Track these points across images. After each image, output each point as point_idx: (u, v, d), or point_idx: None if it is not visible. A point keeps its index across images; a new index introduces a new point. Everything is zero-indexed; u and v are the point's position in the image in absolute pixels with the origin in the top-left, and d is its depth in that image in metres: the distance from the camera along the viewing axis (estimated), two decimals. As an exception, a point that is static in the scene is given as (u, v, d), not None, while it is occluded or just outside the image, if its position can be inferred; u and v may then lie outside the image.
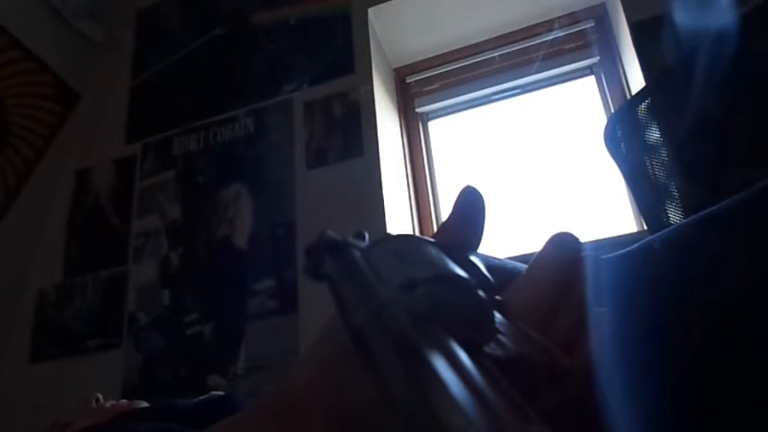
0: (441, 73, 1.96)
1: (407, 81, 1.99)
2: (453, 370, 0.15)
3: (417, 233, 1.69)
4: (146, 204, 1.86)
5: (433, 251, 0.23)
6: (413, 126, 1.95)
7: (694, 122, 0.82)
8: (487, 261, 0.25)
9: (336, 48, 1.82)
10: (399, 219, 1.66)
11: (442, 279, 0.20)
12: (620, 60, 1.72)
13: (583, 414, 0.22)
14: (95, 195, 1.96)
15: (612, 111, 1.68)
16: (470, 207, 0.27)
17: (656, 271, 0.40)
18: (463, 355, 0.16)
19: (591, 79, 1.80)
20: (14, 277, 1.84)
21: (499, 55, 1.90)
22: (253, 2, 2.00)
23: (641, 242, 0.44)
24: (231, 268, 1.66)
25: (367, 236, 0.27)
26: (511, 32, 1.90)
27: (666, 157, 0.93)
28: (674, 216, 0.90)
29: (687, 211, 0.88)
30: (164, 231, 1.79)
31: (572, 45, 1.82)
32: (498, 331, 0.20)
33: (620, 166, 1.01)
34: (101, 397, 0.85)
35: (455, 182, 1.81)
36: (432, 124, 1.97)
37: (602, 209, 1.63)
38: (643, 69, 1.48)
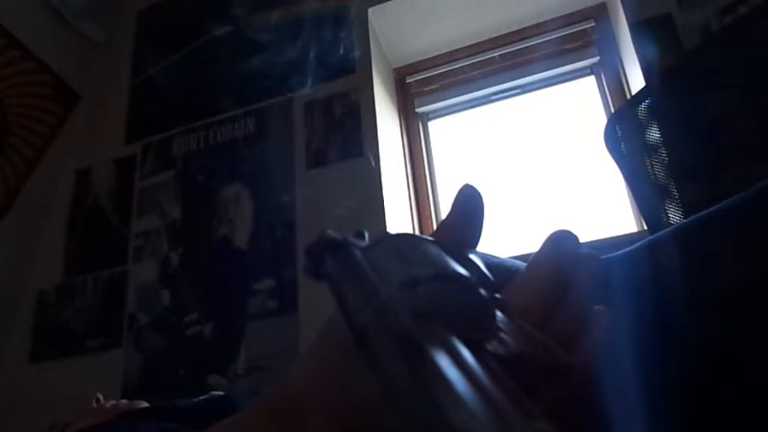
0: (441, 73, 1.96)
1: (407, 81, 1.99)
2: (457, 367, 0.15)
3: (417, 233, 1.69)
4: (146, 204, 1.86)
5: (433, 250, 0.23)
6: (413, 126, 1.95)
7: (694, 122, 0.82)
8: (487, 259, 0.25)
9: (336, 48, 1.82)
10: (399, 219, 1.66)
11: (443, 277, 0.20)
12: (620, 60, 1.72)
13: (585, 411, 0.22)
14: (95, 195, 1.96)
15: (612, 111, 1.68)
16: (469, 205, 0.27)
17: (656, 271, 0.41)
18: (466, 353, 0.16)
19: (591, 79, 1.81)
20: (14, 277, 1.84)
21: (499, 55, 1.90)
22: (253, 2, 2.00)
23: (641, 242, 0.44)
24: (231, 268, 1.66)
25: (367, 235, 0.27)
26: (511, 32, 1.90)
27: (666, 157, 0.93)
28: (674, 216, 0.90)
29: (687, 211, 0.88)
30: (164, 231, 1.79)
31: (572, 45, 1.82)
32: (500, 329, 0.20)
33: (620, 166, 1.01)
34: (101, 397, 0.85)
35: (455, 182, 1.81)
36: (432, 124, 1.97)
37: (602, 209, 1.63)
38: (643, 69, 1.48)
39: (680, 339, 0.36)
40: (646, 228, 1.20)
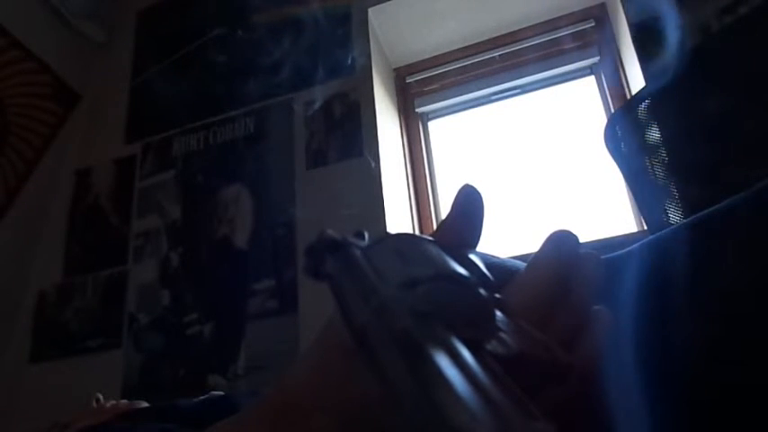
0: (441, 73, 1.96)
1: (407, 81, 1.99)
2: (457, 368, 0.15)
3: (417, 233, 1.68)
4: (146, 204, 1.86)
5: (433, 249, 0.23)
6: (413, 126, 1.95)
7: (694, 122, 0.82)
8: (487, 259, 0.25)
9: (336, 48, 1.82)
10: (399, 219, 1.66)
11: (443, 277, 0.21)
12: (620, 60, 1.72)
13: (585, 410, 0.22)
14: (95, 195, 1.96)
15: (612, 111, 1.68)
16: (469, 205, 0.27)
17: (656, 271, 0.41)
18: (466, 353, 0.16)
19: (591, 79, 1.80)
20: (14, 277, 1.84)
21: (499, 55, 1.90)
22: (253, 2, 2.00)
23: (641, 242, 0.44)
24: (231, 268, 1.66)
25: (366, 235, 0.27)
26: (511, 32, 1.90)
27: (666, 157, 0.93)
28: (674, 216, 0.90)
29: (687, 211, 0.88)
30: (164, 231, 1.79)
31: (572, 45, 1.82)
32: (499, 329, 0.20)
33: (620, 166, 1.02)
34: (101, 397, 0.85)
35: (455, 182, 1.81)
36: (432, 124, 1.97)
37: (602, 209, 1.63)
38: (643, 69, 1.48)
39: (681, 339, 0.36)
40: (646, 228, 1.20)
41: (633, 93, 1.56)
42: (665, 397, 0.34)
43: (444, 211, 1.77)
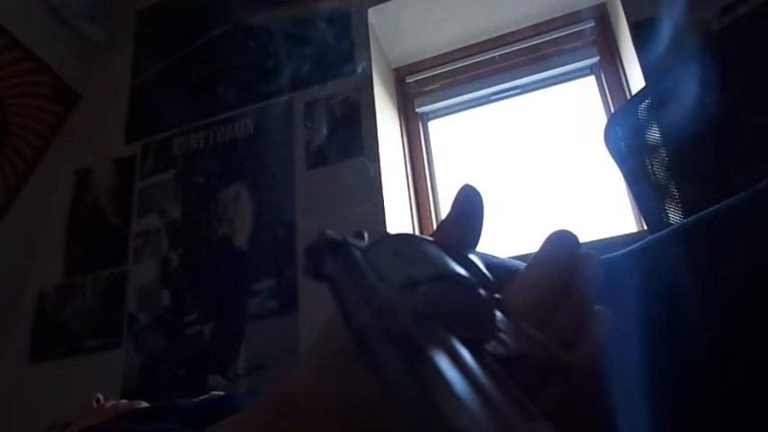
0: (441, 73, 1.96)
1: (407, 81, 1.99)
2: (457, 369, 0.15)
3: (417, 233, 1.68)
4: (146, 204, 1.86)
5: (433, 250, 0.23)
6: (413, 126, 1.95)
7: (694, 122, 0.82)
8: (486, 259, 0.25)
9: (336, 48, 1.81)
10: (399, 219, 1.66)
11: (442, 278, 0.20)
12: (620, 60, 1.72)
13: (585, 411, 0.22)
14: (95, 195, 1.96)
15: (612, 111, 1.68)
16: (469, 205, 0.27)
17: (656, 270, 0.41)
18: (466, 354, 0.16)
19: (591, 79, 1.80)
20: (14, 277, 1.84)
21: (499, 55, 1.90)
22: (253, 2, 2.00)
23: (641, 242, 0.44)
24: (231, 268, 1.66)
25: (366, 235, 0.27)
26: (511, 32, 1.90)
27: (666, 157, 0.93)
28: (674, 216, 0.90)
29: (687, 211, 0.88)
30: (164, 231, 1.79)
31: (572, 45, 1.82)
32: (499, 329, 0.20)
33: (620, 166, 1.02)
34: (101, 397, 0.85)
35: (455, 182, 1.81)
36: (432, 124, 1.97)
37: (602, 209, 1.63)
38: (643, 69, 1.48)
39: (683, 338, 0.36)
40: (646, 228, 1.20)
41: (633, 93, 1.56)
42: (666, 396, 0.34)
43: (444, 211, 1.77)
